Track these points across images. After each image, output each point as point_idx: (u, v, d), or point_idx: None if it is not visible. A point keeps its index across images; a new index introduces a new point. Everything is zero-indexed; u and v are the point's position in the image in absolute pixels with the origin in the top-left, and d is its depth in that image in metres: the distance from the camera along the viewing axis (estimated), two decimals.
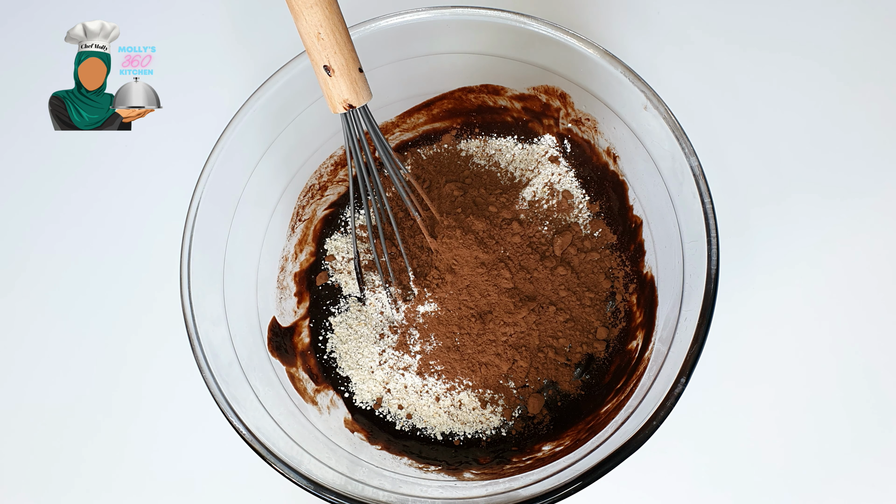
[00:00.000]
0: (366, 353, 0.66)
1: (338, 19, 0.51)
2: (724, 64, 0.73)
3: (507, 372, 0.63)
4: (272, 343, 0.63)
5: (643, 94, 0.56)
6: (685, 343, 0.51)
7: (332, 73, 0.51)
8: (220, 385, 0.53)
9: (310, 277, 0.69)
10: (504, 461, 0.60)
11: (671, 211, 0.57)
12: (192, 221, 0.56)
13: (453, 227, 0.64)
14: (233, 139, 0.58)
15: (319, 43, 0.50)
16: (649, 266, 0.63)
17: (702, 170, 0.53)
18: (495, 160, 0.70)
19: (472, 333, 0.63)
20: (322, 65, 0.51)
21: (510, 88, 0.66)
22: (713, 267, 0.51)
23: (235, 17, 0.78)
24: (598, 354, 0.64)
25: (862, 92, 0.72)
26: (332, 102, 0.53)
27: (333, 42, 0.51)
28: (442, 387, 0.64)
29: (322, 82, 0.52)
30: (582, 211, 0.68)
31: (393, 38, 0.60)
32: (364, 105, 0.53)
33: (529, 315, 0.63)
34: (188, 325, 0.54)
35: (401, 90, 0.66)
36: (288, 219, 0.67)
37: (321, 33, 0.50)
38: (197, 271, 0.56)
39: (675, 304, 0.55)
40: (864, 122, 0.71)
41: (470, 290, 0.63)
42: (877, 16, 0.74)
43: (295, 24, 0.51)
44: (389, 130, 0.70)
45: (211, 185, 0.57)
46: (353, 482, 0.53)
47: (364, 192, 0.60)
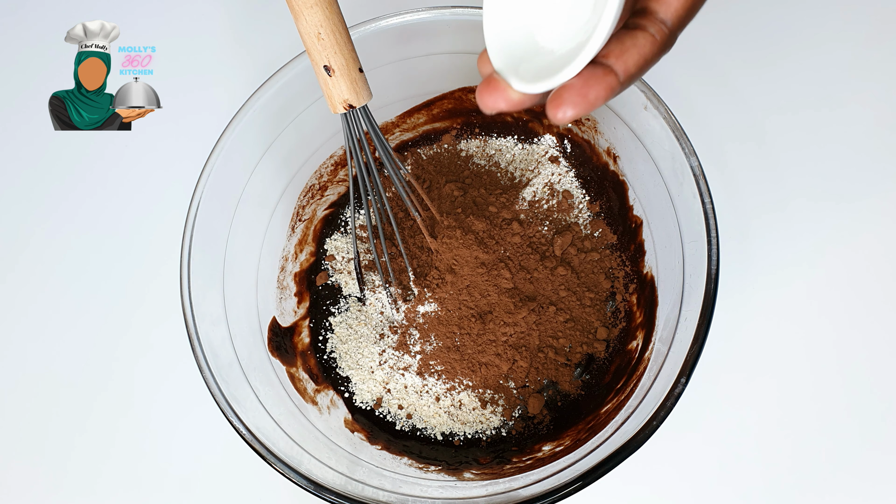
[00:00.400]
0: (366, 353, 0.66)
1: (338, 19, 0.51)
2: (724, 64, 0.73)
3: (507, 372, 0.63)
4: (272, 343, 0.63)
5: (643, 94, 0.56)
6: (685, 343, 0.51)
7: (332, 73, 0.51)
8: (220, 385, 0.53)
9: (310, 277, 0.69)
10: (504, 461, 0.60)
11: (671, 211, 0.57)
12: (192, 221, 0.56)
13: (453, 228, 0.64)
14: (233, 139, 0.58)
15: (320, 43, 0.50)
16: (649, 266, 0.63)
17: (702, 170, 0.53)
18: (495, 160, 0.70)
19: (472, 333, 0.63)
20: (322, 65, 0.51)
21: None
22: (713, 267, 0.51)
23: (236, 18, 0.78)
24: (599, 354, 0.64)
25: (863, 91, 0.72)
26: (333, 102, 0.53)
27: (334, 42, 0.51)
28: (442, 387, 0.64)
29: (322, 82, 0.52)
30: (582, 211, 0.68)
31: (393, 38, 0.60)
32: (364, 105, 0.53)
33: (529, 315, 0.63)
34: (188, 325, 0.54)
35: (401, 90, 0.66)
36: (288, 219, 0.67)
37: (321, 33, 0.50)
38: (197, 271, 0.56)
39: (676, 304, 0.55)
40: (865, 120, 0.71)
41: (470, 291, 0.63)
42: (878, 15, 0.74)
43: (295, 25, 0.51)
44: (389, 130, 0.70)
45: (211, 184, 0.57)
46: (353, 482, 0.53)
47: (364, 192, 0.60)
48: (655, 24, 0.36)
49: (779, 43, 0.74)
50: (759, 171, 0.70)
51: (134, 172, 0.74)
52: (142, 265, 0.71)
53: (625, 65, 0.35)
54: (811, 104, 0.72)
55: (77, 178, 0.74)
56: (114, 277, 0.71)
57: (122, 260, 0.72)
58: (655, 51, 0.36)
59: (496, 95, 0.37)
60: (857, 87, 0.72)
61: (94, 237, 0.73)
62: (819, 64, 0.73)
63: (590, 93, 0.35)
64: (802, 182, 0.69)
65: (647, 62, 0.36)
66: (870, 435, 0.63)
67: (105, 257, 0.72)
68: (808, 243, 0.68)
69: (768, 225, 0.68)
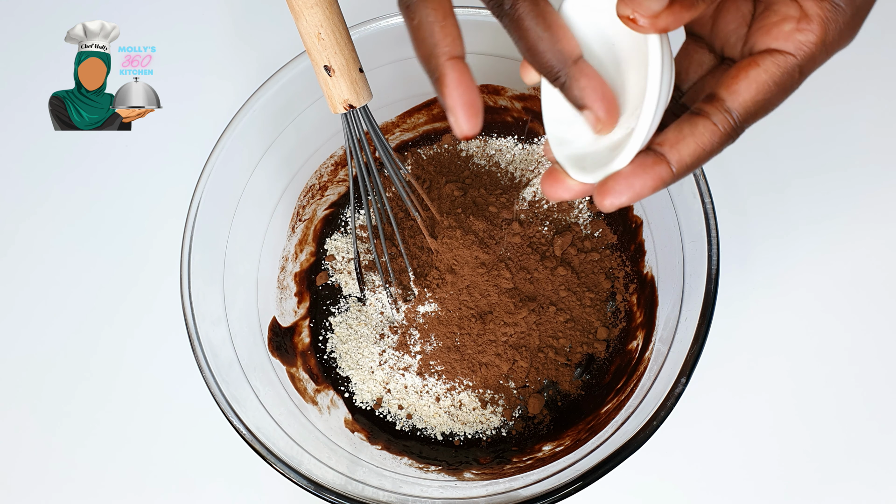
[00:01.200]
0: (366, 353, 0.66)
1: (338, 19, 0.51)
2: None
3: (507, 372, 0.63)
4: (272, 343, 0.63)
5: None
6: (685, 343, 0.51)
7: (332, 73, 0.51)
8: (220, 385, 0.53)
9: (310, 277, 0.69)
10: (504, 461, 0.60)
11: (671, 211, 0.57)
12: (192, 221, 0.56)
13: (453, 228, 0.64)
14: (233, 139, 0.58)
15: (320, 43, 0.50)
16: (649, 266, 0.63)
17: (702, 169, 0.53)
18: (495, 160, 0.70)
19: (472, 334, 0.63)
20: (322, 65, 0.51)
21: (510, 88, 0.66)
22: (713, 267, 0.51)
23: (236, 18, 0.78)
24: (599, 354, 0.64)
25: (865, 87, 0.71)
26: (333, 103, 0.53)
27: (334, 42, 0.51)
28: (442, 387, 0.64)
29: (322, 82, 0.52)
30: (582, 211, 0.68)
31: (393, 38, 0.60)
32: (364, 105, 0.53)
33: (530, 315, 0.63)
34: (188, 325, 0.54)
35: (401, 90, 0.66)
36: (288, 219, 0.67)
37: (321, 33, 0.50)
38: (197, 271, 0.56)
39: (676, 303, 0.55)
40: (866, 118, 0.71)
41: (470, 291, 0.63)
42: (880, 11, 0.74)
43: (295, 25, 0.51)
44: (390, 130, 0.70)
45: (211, 185, 0.57)
46: (353, 482, 0.53)
47: (364, 192, 0.60)
48: (720, 114, 0.34)
49: None
50: (760, 169, 0.70)
51: (134, 173, 0.74)
52: (141, 265, 0.71)
53: (678, 154, 0.34)
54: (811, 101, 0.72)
55: (77, 179, 0.74)
56: (114, 278, 0.71)
57: (123, 260, 0.72)
58: (716, 142, 0.34)
59: (557, 186, 0.37)
60: (859, 84, 0.71)
61: (93, 237, 0.73)
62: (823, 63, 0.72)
63: (636, 182, 0.33)
64: (803, 181, 0.69)
65: (706, 153, 0.34)
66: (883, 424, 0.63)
67: (105, 258, 0.72)
68: (810, 241, 0.68)
69: (769, 224, 0.68)
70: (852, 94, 0.71)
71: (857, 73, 0.72)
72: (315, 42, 0.50)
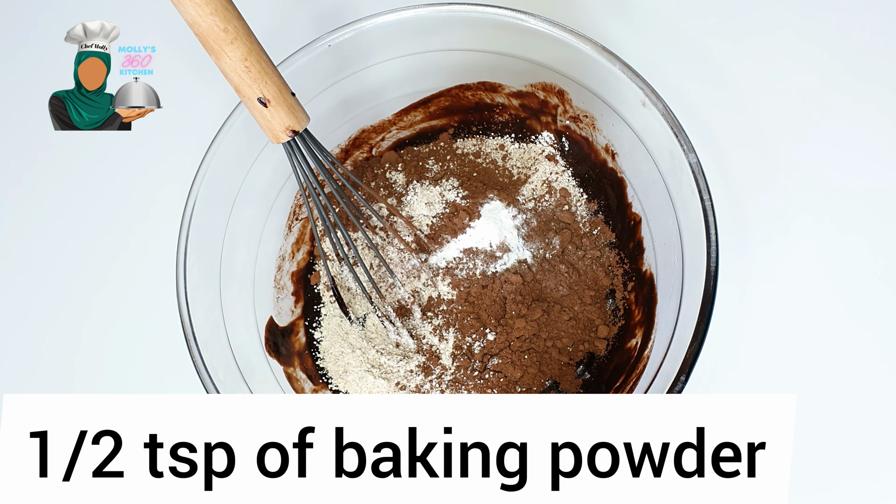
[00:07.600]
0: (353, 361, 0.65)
1: (259, 48, 0.49)
2: (722, 60, 0.72)
3: (517, 380, 0.62)
4: (269, 343, 0.63)
5: (641, 90, 0.55)
6: (684, 341, 0.51)
7: (268, 103, 0.50)
8: (217, 386, 0.53)
9: (307, 277, 0.69)
10: None
11: (670, 208, 0.56)
12: (188, 220, 0.56)
13: None
14: (229, 138, 0.58)
15: (248, 76, 0.49)
16: (648, 263, 0.62)
17: (700, 166, 0.53)
18: (493, 158, 0.70)
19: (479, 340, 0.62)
20: (256, 98, 0.49)
21: (508, 85, 0.66)
22: (712, 264, 0.51)
23: None
24: (599, 352, 0.64)
25: (863, 86, 0.71)
26: (275, 133, 0.51)
27: (261, 71, 0.49)
28: None
29: (259, 116, 0.51)
30: (580, 209, 0.67)
31: (390, 35, 0.60)
32: (305, 129, 0.52)
33: (540, 316, 0.62)
34: (185, 326, 0.54)
35: (397, 88, 0.66)
36: (285, 218, 0.67)
37: (248, 66, 0.48)
38: (193, 271, 0.56)
39: (675, 301, 0.55)
40: (866, 116, 0.70)
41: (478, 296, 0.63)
42: (878, 7, 0.73)
43: (217, 65, 0.49)
44: (386, 128, 0.70)
45: (207, 183, 0.57)
46: None
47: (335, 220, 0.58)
48: None
49: (779, 40, 0.73)
50: (759, 167, 0.69)
51: (134, 172, 0.74)
52: (139, 265, 0.71)
53: None
54: (811, 99, 0.71)
55: (77, 178, 0.74)
56: (111, 277, 0.71)
57: (121, 259, 0.72)
58: None
59: None
60: (860, 83, 0.71)
61: (93, 237, 0.73)
62: (820, 61, 0.72)
63: None
64: (802, 178, 0.69)
65: None
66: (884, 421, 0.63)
67: (103, 257, 0.72)
68: (808, 239, 0.67)
69: (768, 222, 0.68)
70: (852, 94, 0.71)
71: (859, 69, 0.71)
72: (244, 77, 0.49)
